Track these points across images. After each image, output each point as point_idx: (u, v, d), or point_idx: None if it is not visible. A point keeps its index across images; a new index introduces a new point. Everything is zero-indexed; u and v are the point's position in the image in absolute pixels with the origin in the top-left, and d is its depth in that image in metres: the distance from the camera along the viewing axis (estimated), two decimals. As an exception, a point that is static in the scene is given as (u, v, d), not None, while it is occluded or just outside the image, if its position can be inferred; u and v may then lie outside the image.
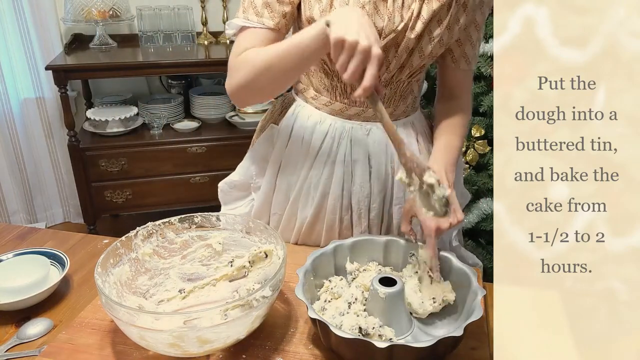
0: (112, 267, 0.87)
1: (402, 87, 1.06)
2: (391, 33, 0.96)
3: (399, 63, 1.01)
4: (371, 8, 0.95)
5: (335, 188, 1.09)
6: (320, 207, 1.10)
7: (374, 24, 0.95)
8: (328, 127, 1.07)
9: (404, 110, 1.10)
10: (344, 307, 0.86)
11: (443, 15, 0.98)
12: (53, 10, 2.54)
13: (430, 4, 0.96)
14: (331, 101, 1.07)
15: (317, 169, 1.09)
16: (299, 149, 1.10)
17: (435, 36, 0.99)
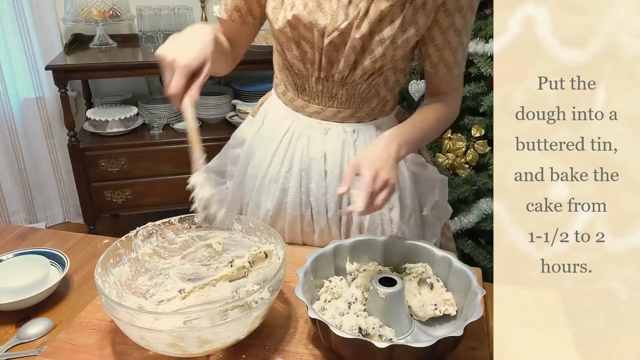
0: (112, 267, 0.87)
1: (360, 88, 1.03)
2: (334, 31, 0.95)
3: (347, 63, 0.99)
4: (314, 5, 0.94)
5: (294, 184, 1.10)
6: (281, 202, 1.12)
7: (317, 22, 0.95)
8: (290, 123, 1.10)
9: (369, 112, 1.08)
10: (344, 307, 0.86)
11: (395, 16, 0.94)
12: (53, 10, 2.54)
13: (378, 3, 0.93)
14: (294, 98, 1.09)
15: (277, 163, 1.10)
16: (265, 142, 1.13)
17: (386, 37, 0.95)
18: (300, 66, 1.03)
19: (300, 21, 0.96)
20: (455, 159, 1.91)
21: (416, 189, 1.15)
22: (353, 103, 1.05)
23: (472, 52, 1.81)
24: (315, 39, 0.97)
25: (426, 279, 0.91)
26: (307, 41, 0.99)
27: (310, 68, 1.02)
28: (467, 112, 1.92)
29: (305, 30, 0.97)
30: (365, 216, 1.10)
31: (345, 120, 1.07)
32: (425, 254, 0.95)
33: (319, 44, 0.98)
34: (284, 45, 1.03)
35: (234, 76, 2.85)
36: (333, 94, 1.04)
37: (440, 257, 0.93)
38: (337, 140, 1.07)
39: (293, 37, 0.99)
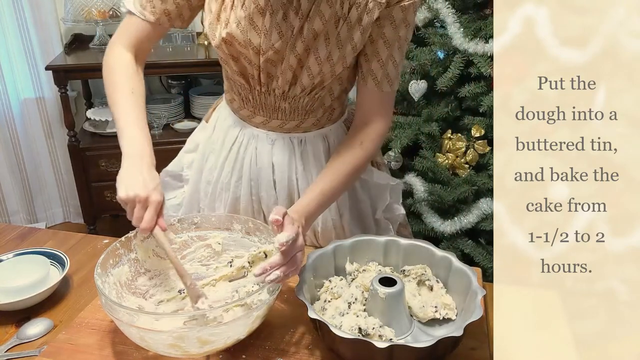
0: (111, 267, 0.87)
1: (303, 102, 1.02)
2: (269, 50, 0.93)
3: (286, 80, 0.97)
4: (246, 24, 0.92)
5: (245, 192, 1.10)
6: (233, 209, 1.12)
7: (250, 41, 0.93)
8: (238, 132, 1.09)
9: (314, 122, 1.07)
10: (343, 307, 0.86)
11: (330, 33, 0.92)
12: (53, 10, 2.55)
13: (311, 22, 0.91)
14: (241, 107, 1.08)
15: (228, 171, 1.11)
16: (217, 149, 1.13)
17: (322, 55, 0.93)
18: (242, 80, 1.02)
19: (235, 39, 0.94)
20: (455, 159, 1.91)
21: (367, 194, 1.16)
22: (297, 115, 1.04)
23: (472, 52, 1.81)
24: (251, 57, 0.96)
25: (425, 281, 0.91)
26: (244, 57, 0.97)
27: (252, 81, 1.01)
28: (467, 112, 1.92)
29: (241, 47, 0.95)
30: (317, 223, 1.10)
31: (291, 131, 1.06)
32: (425, 254, 0.95)
33: (255, 62, 0.96)
34: (222, 60, 1.02)
35: (234, 76, 2.85)
36: (276, 107, 1.03)
37: (440, 257, 0.93)
38: (284, 152, 1.07)
39: (230, 54, 0.98)
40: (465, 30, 1.83)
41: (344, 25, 0.92)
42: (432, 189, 1.90)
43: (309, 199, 0.94)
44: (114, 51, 1.04)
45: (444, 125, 1.95)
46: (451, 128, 1.94)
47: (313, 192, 0.95)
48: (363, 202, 1.16)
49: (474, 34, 1.84)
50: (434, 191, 1.89)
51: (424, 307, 0.87)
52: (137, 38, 1.03)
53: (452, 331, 0.76)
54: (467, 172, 1.90)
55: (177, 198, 1.25)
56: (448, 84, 1.84)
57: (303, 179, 1.08)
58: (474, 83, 1.84)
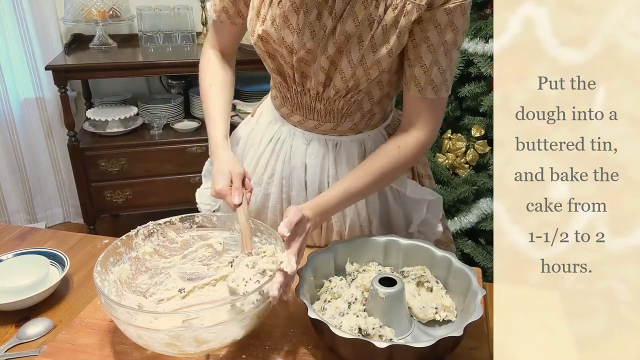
0: (112, 265, 0.87)
1: (338, 105, 1.00)
2: (301, 49, 0.92)
3: (318, 81, 0.96)
4: (281, 22, 0.92)
5: (276, 190, 1.10)
6: (263, 206, 1.12)
7: (284, 39, 0.93)
8: (277, 128, 1.09)
9: (351, 127, 1.04)
10: (343, 307, 0.86)
11: (363, 36, 0.89)
12: (53, 10, 2.54)
13: (344, 23, 0.88)
14: (282, 104, 1.07)
15: (261, 167, 1.11)
16: (255, 144, 1.14)
17: (355, 58, 0.90)
18: (279, 77, 1.02)
19: (270, 37, 0.94)
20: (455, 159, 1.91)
21: (401, 206, 1.12)
22: (333, 117, 1.02)
23: (472, 52, 1.81)
24: (285, 55, 0.95)
25: (424, 283, 0.91)
26: (280, 55, 0.97)
27: (288, 80, 1.00)
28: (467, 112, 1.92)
29: (276, 45, 0.95)
30: (345, 227, 1.09)
31: (327, 132, 1.04)
32: (426, 254, 0.95)
33: (289, 60, 0.96)
34: (261, 56, 1.02)
35: (234, 76, 2.85)
36: (312, 107, 1.02)
37: (440, 257, 0.93)
38: (318, 153, 1.05)
39: (267, 51, 0.98)
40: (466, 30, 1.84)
41: (378, 28, 0.88)
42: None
43: (331, 195, 0.93)
44: (204, 53, 1.15)
45: (444, 125, 1.95)
46: (451, 128, 1.94)
47: (337, 189, 0.94)
48: (395, 213, 1.12)
49: (474, 34, 1.84)
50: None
51: (424, 307, 0.87)
52: (217, 37, 1.12)
53: (452, 331, 0.76)
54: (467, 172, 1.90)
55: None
56: (448, 84, 1.84)
57: (335, 182, 1.04)
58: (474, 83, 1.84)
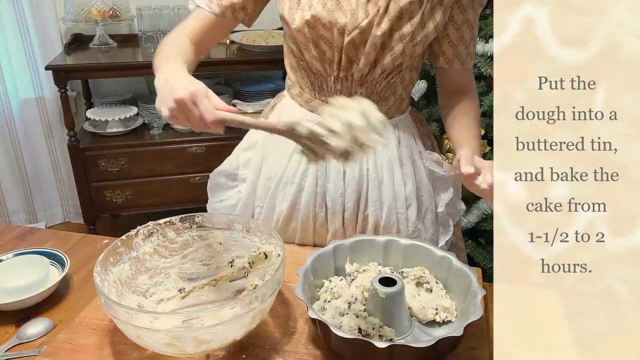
0: (112, 265, 0.87)
1: (379, 87, 1.04)
2: (354, 30, 0.95)
3: (368, 61, 0.99)
4: (333, 4, 0.94)
5: (310, 184, 1.09)
6: (295, 202, 1.11)
7: (337, 21, 0.95)
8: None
9: (386, 111, 1.07)
10: (343, 307, 0.86)
11: (414, 12, 0.95)
12: (53, 10, 2.54)
13: (397, 1, 0.94)
14: (311, 98, 1.08)
15: (294, 163, 1.10)
16: (280, 143, 1.10)
17: (406, 34, 0.96)
18: (319, 66, 1.02)
19: (319, 21, 0.96)
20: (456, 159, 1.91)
21: (432, 187, 1.15)
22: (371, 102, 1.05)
23: (472, 52, 1.81)
24: (334, 39, 0.97)
25: (423, 284, 0.91)
26: (325, 41, 0.98)
27: (328, 68, 1.02)
28: (467, 112, 1.92)
29: (324, 29, 0.97)
30: (381, 216, 1.10)
31: None
32: (425, 254, 0.95)
33: (338, 43, 0.98)
34: (301, 45, 1.02)
35: (234, 76, 2.84)
36: (351, 94, 1.04)
37: (440, 257, 0.94)
38: None
39: (311, 37, 0.99)
40: (465, 30, 1.83)
41: (427, 4, 0.95)
42: (432, 189, 1.90)
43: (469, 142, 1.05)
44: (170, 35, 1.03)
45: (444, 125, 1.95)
46: (451, 128, 1.94)
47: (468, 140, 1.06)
48: (427, 194, 1.15)
49: (474, 34, 1.84)
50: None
51: (424, 308, 0.88)
52: (200, 28, 1.04)
53: (452, 331, 0.76)
54: (467, 172, 1.90)
55: (231, 199, 1.21)
56: (448, 84, 1.84)
57: (374, 169, 1.07)
58: (474, 83, 1.84)
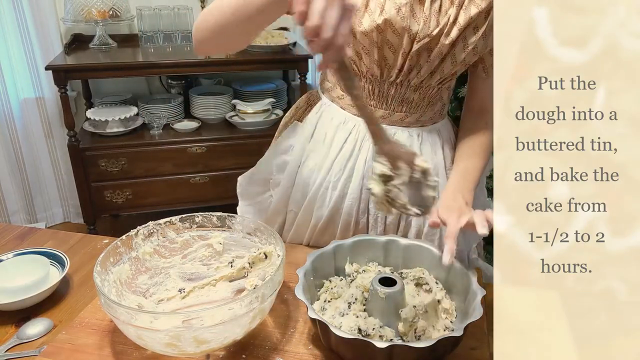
0: (112, 265, 0.87)
1: (431, 92, 1.05)
2: (425, 37, 0.96)
3: (430, 68, 1.00)
4: (407, 10, 0.94)
5: (354, 190, 1.08)
6: (337, 208, 1.09)
7: (409, 27, 0.95)
8: (352, 128, 1.07)
9: (432, 117, 1.09)
10: (343, 307, 0.86)
11: (480, 23, 0.96)
12: (53, 10, 2.55)
13: (467, 10, 0.95)
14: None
15: (337, 169, 1.08)
16: (321, 148, 1.10)
17: (470, 44, 0.98)
18: (377, 71, 1.01)
19: (392, 26, 0.95)
20: (455, 159, 1.91)
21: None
22: (421, 107, 1.06)
23: (472, 52, 1.81)
24: (403, 44, 0.96)
25: (422, 284, 0.91)
26: (390, 46, 0.98)
27: (386, 73, 1.01)
28: (467, 112, 1.92)
29: (393, 35, 0.96)
30: (423, 223, 1.10)
31: (410, 125, 1.07)
32: (426, 254, 0.95)
33: (406, 49, 0.97)
34: (364, 49, 1.00)
35: (234, 76, 2.85)
36: (404, 99, 1.04)
37: (440, 257, 0.93)
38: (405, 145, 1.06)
39: (377, 42, 0.97)
40: (465, 30, 1.83)
41: (491, 15, 0.96)
42: (432, 189, 1.89)
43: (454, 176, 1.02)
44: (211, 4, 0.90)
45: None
46: (451, 128, 1.94)
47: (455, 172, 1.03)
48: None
49: (474, 34, 1.84)
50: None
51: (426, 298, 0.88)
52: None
53: (452, 331, 0.76)
54: (467, 172, 1.90)
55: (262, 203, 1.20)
56: (448, 84, 1.84)
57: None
58: (474, 83, 1.84)
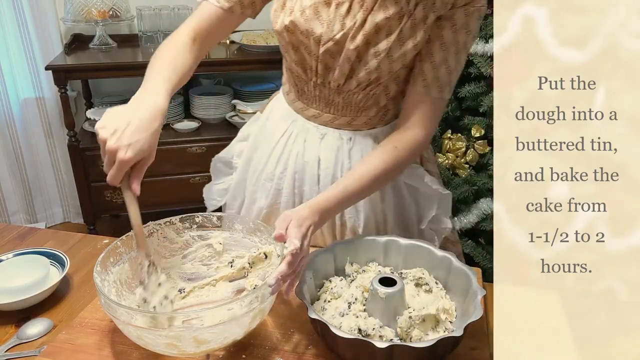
0: (112, 265, 0.87)
1: (357, 97, 1.01)
2: (329, 41, 0.94)
3: (342, 72, 0.97)
4: (311, 13, 0.93)
5: (288, 185, 1.10)
6: (275, 201, 1.12)
7: (312, 30, 0.93)
8: (290, 123, 1.09)
9: (367, 122, 1.05)
10: (343, 307, 0.86)
11: (392, 28, 0.91)
12: (53, 10, 2.54)
13: (375, 15, 0.91)
14: (295, 99, 1.08)
15: (273, 162, 1.11)
16: (267, 139, 1.13)
17: (381, 50, 0.92)
18: (299, 70, 1.02)
19: (297, 28, 0.95)
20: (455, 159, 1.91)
21: (414, 202, 1.13)
22: (350, 111, 1.04)
23: (472, 52, 1.81)
24: (311, 46, 0.97)
25: (422, 285, 0.91)
26: (304, 47, 0.98)
27: (309, 72, 1.02)
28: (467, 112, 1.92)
29: (302, 36, 0.96)
30: (359, 224, 1.09)
31: (341, 127, 1.06)
32: (426, 254, 0.95)
33: (314, 52, 0.97)
34: (283, 48, 1.03)
35: (234, 76, 2.84)
36: (330, 101, 1.03)
37: (440, 257, 0.94)
38: (332, 147, 1.06)
39: (291, 42, 0.99)
40: (465, 30, 1.84)
41: (408, 22, 0.91)
42: (432, 189, 1.90)
43: (329, 195, 0.92)
44: (172, 35, 1.00)
45: (444, 125, 1.95)
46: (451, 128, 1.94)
47: (336, 189, 0.93)
48: (409, 208, 1.12)
49: (474, 34, 1.84)
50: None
51: (425, 308, 0.87)
52: (205, 22, 1.01)
53: (452, 331, 0.76)
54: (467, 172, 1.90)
55: (225, 183, 1.25)
56: (448, 84, 1.84)
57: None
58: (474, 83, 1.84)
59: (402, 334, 0.82)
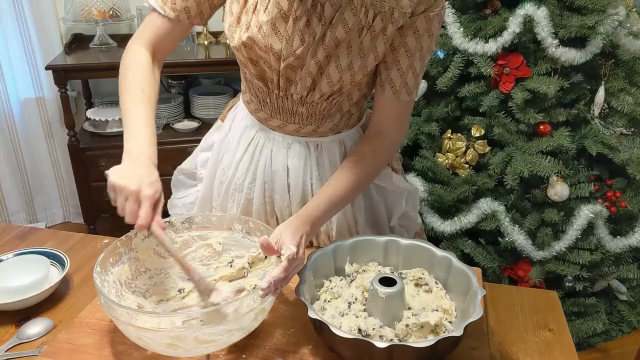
0: (111, 266, 0.87)
1: (320, 107, 1.01)
2: (289, 56, 0.93)
3: (305, 85, 0.96)
4: (269, 29, 0.92)
5: (258, 194, 1.09)
6: (246, 210, 1.12)
7: (272, 46, 0.93)
8: (255, 133, 1.09)
9: (331, 127, 1.05)
10: (343, 307, 0.86)
11: (352, 42, 0.91)
12: (53, 10, 2.54)
13: (334, 30, 0.90)
14: (258, 109, 1.07)
15: (242, 172, 1.10)
16: (232, 149, 1.12)
17: (343, 64, 0.92)
18: (260, 84, 1.01)
19: (256, 43, 0.94)
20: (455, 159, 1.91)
21: (383, 200, 1.14)
22: (314, 120, 1.03)
23: (472, 52, 1.81)
24: (271, 61, 0.95)
25: (422, 285, 0.91)
26: (264, 61, 0.96)
27: (270, 85, 1.00)
28: (467, 112, 1.92)
29: (261, 52, 0.95)
30: (332, 227, 1.10)
31: (307, 135, 1.05)
32: (426, 254, 0.95)
33: (275, 66, 0.96)
34: (241, 62, 1.02)
35: (234, 76, 2.84)
36: (293, 111, 1.02)
37: (440, 257, 0.93)
38: (300, 156, 1.06)
39: (249, 57, 0.97)
40: (465, 30, 1.83)
41: (367, 34, 0.91)
42: (432, 188, 1.89)
43: (315, 204, 0.93)
44: (132, 50, 1.01)
45: (444, 125, 1.94)
46: (451, 128, 1.94)
47: (321, 197, 0.94)
48: (378, 207, 1.14)
49: (474, 34, 1.84)
50: (434, 191, 1.89)
51: (425, 309, 0.87)
52: (157, 35, 1.01)
53: (452, 331, 0.76)
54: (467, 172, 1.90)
55: (190, 197, 1.24)
56: (448, 83, 1.84)
57: (318, 184, 1.07)
58: (474, 83, 1.84)
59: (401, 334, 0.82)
